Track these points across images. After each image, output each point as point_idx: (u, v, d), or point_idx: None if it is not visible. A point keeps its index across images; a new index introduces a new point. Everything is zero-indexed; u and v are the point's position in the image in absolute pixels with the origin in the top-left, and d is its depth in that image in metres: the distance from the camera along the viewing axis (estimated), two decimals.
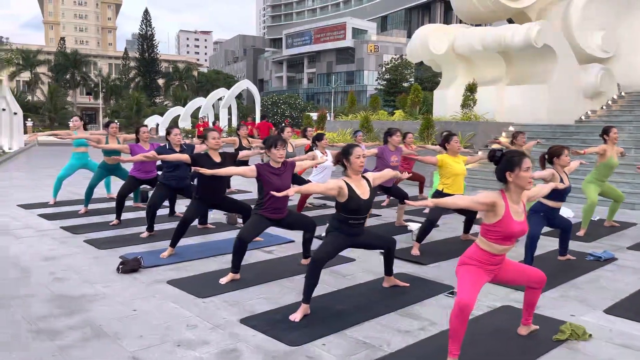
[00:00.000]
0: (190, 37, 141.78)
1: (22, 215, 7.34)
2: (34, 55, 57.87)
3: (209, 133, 5.21)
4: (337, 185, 3.63)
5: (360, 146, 3.81)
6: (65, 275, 4.52)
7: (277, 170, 4.47)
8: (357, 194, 3.68)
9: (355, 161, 3.68)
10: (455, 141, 5.58)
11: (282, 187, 4.43)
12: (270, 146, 4.46)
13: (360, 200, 3.70)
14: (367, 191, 3.79)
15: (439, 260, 5.14)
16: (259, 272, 4.67)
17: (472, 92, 12.27)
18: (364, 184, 3.78)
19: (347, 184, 3.66)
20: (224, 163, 5.21)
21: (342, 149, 3.77)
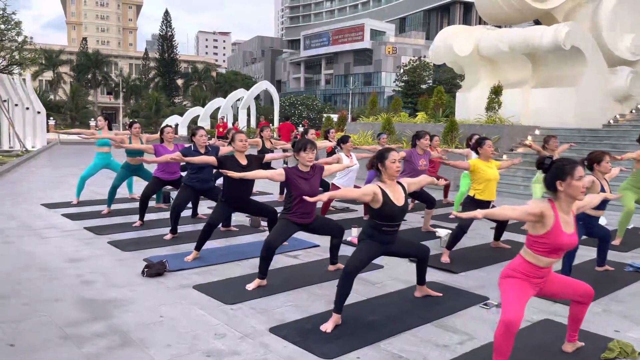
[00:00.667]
0: (209, 37, 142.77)
1: (46, 215, 7.35)
2: (56, 55, 58.74)
3: (236, 135, 5.12)
4: (372, 190, 3.50)
5: (395, 150, 3.67)
6: (92, 278, 4.46)
7: (305, 175, 4.36)
8: (391, 200, 3.54)
9: (391, 166, 3.55)
10: (488, 145, 5.41)
11: (311, 191, 4.32)
12: (299, 149, 4.34)
13: (394, 207, 3.56)
14: (402, 197, 3.65)
15: (470, 268, 4.97)
16: (286, 278, 4.55)
17: (498, 95, 12.03)
18: (398, 189, 3.64)
19: (382, 189, 3.53)
20: (251, 166, 5.13)
21: (377, 152, 3.64)
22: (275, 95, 31.15)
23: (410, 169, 6.39)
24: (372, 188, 3.51)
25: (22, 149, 19.53)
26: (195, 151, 5.96)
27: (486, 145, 5.41)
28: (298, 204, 4.34)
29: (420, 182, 4.03)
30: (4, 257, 5.10)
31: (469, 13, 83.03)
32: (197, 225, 6.86)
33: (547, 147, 6.93)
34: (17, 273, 4.57)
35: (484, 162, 5.44)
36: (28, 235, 6.08)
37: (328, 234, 4.69)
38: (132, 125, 7.76)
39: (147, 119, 50.09)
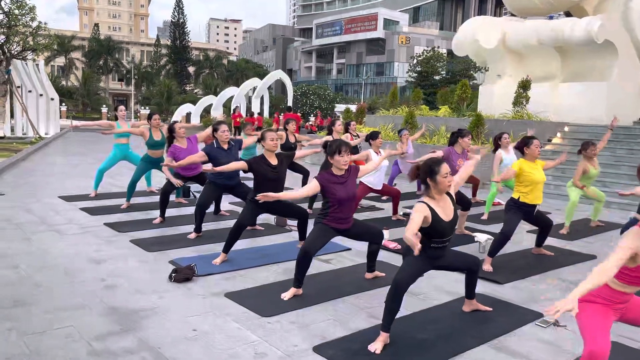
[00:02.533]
0: (220, 25, 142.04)
1: (63, 208, 7.12)
2: (68, 41, 58.60)
3: (267, 134, 4.84)
4: (423, 215, 3.19)
5: (444, 162, 3.32)
6: (115, 282, 4.21)
7: (340, 179, 4.05)
8: (440, 217, 3.25)
9: (443, 181, 3.22)
10: (536, 145, 5.05)
11: (348, 196, 4.05)
12: (334, 152, 4.00)
13: (444, 223, 3.26)
14: (452, 209, 3.34)
15: (514, 278, 4.66)
16: (321, 286, 4.27)
17: (526, 89, 11.62)
18: (447, 201, 3.33)
19: (430, 207, 3.22)
20: (282, 165, 4.87)
21: (427, 166, 3.26)
22: (289, 85, 30.77)
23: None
24: (423, 212, 3.17)
25: (36, 136, 19.41)
26: (219, 148, 5.69)
27: (533, 146, 5.06)
28: (335, 209, 4.06)
29: (463, 178, 3.68)
30: (23, 256, 4.87)
31: (484, 3, 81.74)
32: (219, 222, 6.61)
33: (585, 154, 6.50)
34: (37, 275, 4.33)
35: (529, 162, 5.10)
36: (46, 231, 5.85)
37: (367, 239, 4.40)
38: (151, 117, 7.48)
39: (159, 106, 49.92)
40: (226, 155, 5.69)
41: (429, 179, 3.24)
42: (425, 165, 3.29)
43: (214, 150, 5.65)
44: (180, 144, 6.36)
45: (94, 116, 47.05)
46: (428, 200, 3.25)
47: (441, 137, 11.88)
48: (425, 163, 3.30)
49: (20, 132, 20.37)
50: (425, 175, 3.26)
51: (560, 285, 4.53)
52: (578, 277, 4.78)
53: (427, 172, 3.25)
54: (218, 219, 6.76)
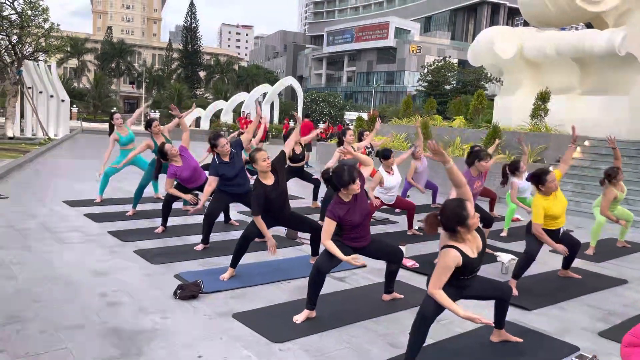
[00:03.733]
0: (232, 30, 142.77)
1: (68, 214, 6.89)
2: (81, 43, 59.02)
3: (257, 155, 4.45)
4: (455, 263, 2.91)
5: (467, 201, 3.00)
6: (118, 299, 3.95)
7: (349, 204, 3.77)
8: (470, 256, 2.97)
9: (474, 223, 2.94)
10: (551, 181, 4.55)
11: (362, 217, 3.81)
12: (349, 183, 3.67)
13: (474, 260, 3.00)
14: (480, 243, 3.07)
15: (543, 304, 4.35)
16: (336, 308, 3.99)
17: (544, 101, 11.29)
18: (476, 238, 3.05)
19: (460, 251, 2.93)
20: (278, 181, 4.56)
21: (453, 214, 2.89)
22: (299, 91, 30.57)
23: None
24: (454, 259, 2.90)
25: (45, 137, 19.31)
26: (222, 163, 5.44)
27: (549, 182, 4.54)
28: (349, 230, 3.80)
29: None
30: (22, 265, 4.63)
31: (496, 14, 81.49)
32: (228, 233, 6.35)
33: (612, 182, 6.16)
34: (35, 287, 4.08)
35: (546, 197, 4.68)
36: (48, 238, 5.61)
37: (385, 259, 4.13)
38: (150, 125, 7.18)
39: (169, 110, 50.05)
40: (232, 168, 5.46)
41: (460, 226, 2.89)
42: (450, 212, 2.90)
43: (219, 168, 5.40)
44: (176, 163, 6.02)
45: (104, 118, 47.14)
46: (457, 244, 2.95)
47: (456, 149, 11.58)
48: (450, 209, 2.91)
49: (30, 133, 20.30)
50: (454, 223, 2.90)
51: (595, 314, 4.21)
52: (612, 304, 4.47)
53: (457, 220, 2.89)
54: (227, 230, 6.50)
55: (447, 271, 2.91)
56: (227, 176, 5.45)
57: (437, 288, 2.93)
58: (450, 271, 2.91)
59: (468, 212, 2.88)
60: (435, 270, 2.95)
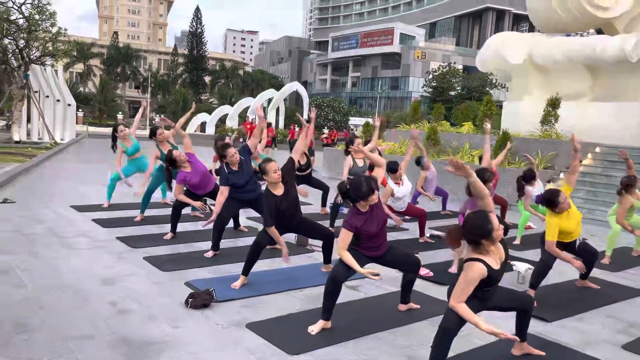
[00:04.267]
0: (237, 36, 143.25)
1: (75, 219, 6.82)
2: (87, 48, 59.28)
3: (268, 166, 4.35)
4: (480, 276, 2.82)
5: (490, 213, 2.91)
6: (127, 307, 3.86)
7: (366, 214, 3.68)
8: (493, 269, 2.88)
9: (499, 234, 2.84)
10: (563, 201, 4.41)
11: (379, 227, 3.72)
12: (367, 195, 3.56)
13: (497, 271, 2.91)
14: (503, 254, 2.98)
15: (563, 315, 4.23)
16: (351, 318, 3.88)
17: (555, 108, 11.18)
18: (499, 249, 2.96)
19: (486, 263, 2.84)
20: (289, 190, 4.47)
21: (477, 227, 2.81)
22: (305, 97, 30.58)
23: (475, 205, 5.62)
24: (480, 272, 2.81)
25: (51, 141, 19.31)
26: (232, 172, 5.34)
27: (562, 204, 4.40)
28: (366, 240, 3.71)
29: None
30: (29, 272, 4.55)
31: (501, 20, 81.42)
32: (237, 240, 6.26)
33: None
34: (43, 295, 4.00)
35: (560, 215, 4.52)
36: (55, 244, 5.53)
37: (402, 268, 4.03)
38: (155, 133, 7.06)
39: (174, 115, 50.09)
40: (242, 176, 5.38)
41: (485, 239, 2.80)
42: (475, 226, 2.81)
43: (229, 177, 5.31)
44: (185, 169, 5.95)
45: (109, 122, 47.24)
46: (481, 256, 2.85)
47: (465, 154, 11.47)
48: (474, 223, 2.82)
49: (36, 137, 20.31)
50: (478, 237, 2.81)
51: (615, 325, 4.10)
52: (632, 315, 4.35)
53: (482, 234, 2.80)
54: (236, 236, 6.40)
55: (472, 285, 2.81)
56: (238, 184, 5.37)
57: (459, 301, 2.83)
58: (475, 285, 2.82)
59: (493, 224, 2.79)
60: (459, 283, 2.85)
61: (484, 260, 2.83)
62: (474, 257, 2.84)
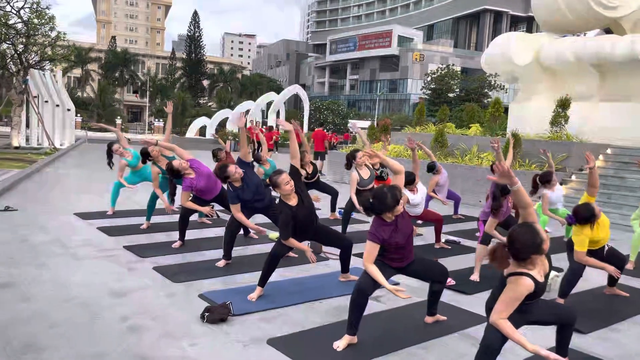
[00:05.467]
0: (234, 39, 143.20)
1: (80, 227, 6.62)
2: (85, 53, 59.07)
3: (279, 179, 4.13)
4: (528, 292, 2.64)
5: (536, 224, 2.71)
6: (140, 323, 3.65)
7: (391, 224, 3.47)
8: (539, 282, 2.70)
9: (547, 246, 2.65)
10: (598, 213, 4.26)
11: (406, 238, 3.52)
12: (393, 206, 3.38)
13: (542, 285, 2.73)
14: (547, 265, 2.80)
15: (598, 326, 4.03)
16: (377, 332, 3.68)
17: (565, 109, 11.01)
18: (544, 260, 2.76)
19: (531, 277, 2.65)
20: (303, 199, 4.29)
21: (529, 242, 2.60)
22: (305, 100, 30.41)
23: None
24: (528, 287, 2.63)
25: (51, 147, 19.09)
26: (236, 189, 5.09)
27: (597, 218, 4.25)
28: (394, 251, 3.51)
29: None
30: (37, 285, 4.34)
31: (498, 22, 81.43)
32: (247, 247, 6.07)
33: None
34: (53, 311, 3.79)
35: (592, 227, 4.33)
36: (62, 254, 5.33)
37: (428, 279, 3.82)
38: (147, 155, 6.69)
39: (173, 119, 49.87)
40: (247, 190, 5.12)
41: (535, 254, 2.61)
42: (524, 241, 2.59)
43: (234, 195, 5.09)
44: (189, 175, 5.72)
45: None
46: (528, 270, 2.65)
47: (473, 157, 11.29)
48: (523, 238, 2.60)
49: (35, 142, 20.09)
50: (529, 253, 2.60)
51: None
52: None
53: (533, 249, 2.59)
54: (246, 243, 6.20)
55: (518, 301, 2.62)
56: (246, 199, 5.16)
57: (502, 318, 2.63)
58: (520, 301, 2.62)
59: (541, 236, 2.60)
60: (503, 300, 2.65)
61: (531, 274, 2.64)
62: (519, 272, 2.64)
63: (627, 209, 8.54)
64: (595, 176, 4.51)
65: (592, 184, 4.52)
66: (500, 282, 2.83)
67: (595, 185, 4.53)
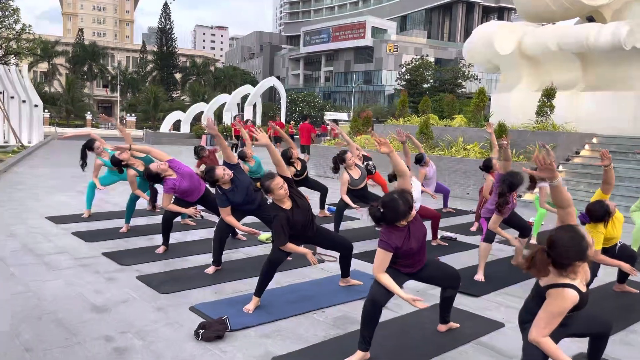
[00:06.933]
0: (206, 32, 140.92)
1: (52, 233, 6.14)
2: (52, 46, 57.13)
3: (272, 184, 3.81)
4: (572, 305, 2.37)
5: (581, 228, 2.45)
6: (127, 343, 3.28)
7: (404, 230, 3.16)
8: (583, 292, 2.43)
9: (591, 253, 2.39)
10: (613, 210, 4.10)
11: (420, 243, 3.23)
12: (406, 213, 3.08)
13: (585, 295, 2.46)
14: (588, 271, 2.55)
15: (617, 328, 3.80)
16: (390, 344, 3.39)
17: (550, 98, 10.90)
18: (586, 266, 2.50)
19: (576, 288, 2.39)
20: (296, 201, 3.97)
21: (575, 247, 2.31)
22: (282, 92, 29.92)
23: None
24: (573, 300, 2.36)
25: (18, 145, 18.27)
26: (226, 192, 4.77)
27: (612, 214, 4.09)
28: (407, 257, 3.21)
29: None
30: (6, 301, 3.90)
31: (471, 13, 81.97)
32: (237, 251, 5.70)
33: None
34: (25, 331, 3.38)
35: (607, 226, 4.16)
36: (33, 264, 4.88)
37: (441, 284, 3.54)
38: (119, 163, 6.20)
39: (145, 113, 48.73)
40: (238, 192, 4.80)
41: (579, 261, 2.33)
42: (569, 246, 2.30)
43: (224, 198, 4.76)
44: (171, 176, 5.32)
45: (77, 123, 45.67)
46: (570, 280, 2.37)
47: (459, 148, 11.10)
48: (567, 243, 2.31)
49: (2, 140, 19.21)
50: (574, 259, 2.31)
51: None
52: None
53: (579, 255, 2.30)
54: (235, 246, 5.82)
55: (561, 317, 2.35)
56: (237, 202, 4.82)
57: (544, 335, 2.36)
58: (564, 316, 2.35)
59: (587, 240, 2.32)
60: (544, 316, 2.37)
61: (574, 285, 2.36)
62: (562, 283, 2.36)
63: (617, 199, 8.44)
64: (611, 174, 4.28)
65: (607, 181, 4.30)
66: (536, 293, 2.56)
67: (610, 183, 4.30)
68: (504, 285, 4.73)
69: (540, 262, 2.34)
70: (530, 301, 2.61)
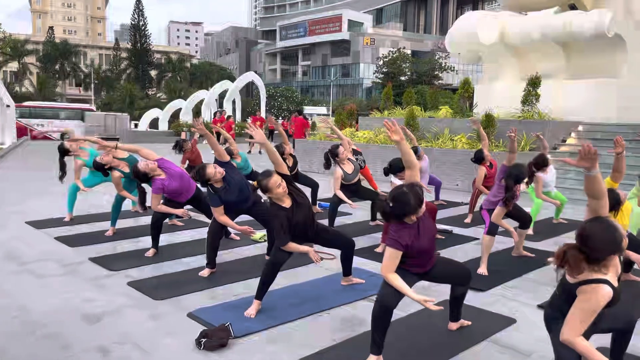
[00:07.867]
0: (180, 28, 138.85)
1: (35, 239, 5.84)
2: (22, 45, 55.63)
3: (269, 183, 3.63)
4: (607, 301, 2.24)
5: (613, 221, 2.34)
6: (124, 354, 3.07)
7: (413, 227, 2.98)
8: (616, 287, 2.30)
9: (626, 245, 2.29)
10: (624, 198, 4.06)
11: (431, 240, 3.08)
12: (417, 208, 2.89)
13: (618, 291, 2.32)
14: (619, 265, 2.40)
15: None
16: (402, 347, 3.24)
17: (535, 87, 10.89)
18: (617, 259, 2.37)
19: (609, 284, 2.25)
20: (296, 199, 3.81)
21: (608, 240, 2.20)
22: (261, 87, 29.57)
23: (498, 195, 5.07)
24: (608, 296, 2.23)
25: None
26: (218, 191, 4.56)
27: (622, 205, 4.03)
28: (417, 256, 3.05)
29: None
30: None
31: (445, 5, 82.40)
32: (231, 251, 5.49)
33: None
34: (12, 346, 3.14)
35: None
36: (17, 272, 4.61)
37: (452, 282, 3.40)
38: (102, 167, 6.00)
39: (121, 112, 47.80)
40: (231, 191, 4.61)
41: (613, 254, 2.21)
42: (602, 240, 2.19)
43: (216, 198, 4.55)
44: (159, 176, 5.12)
45: None
46: (604, 275, 2.24)
47: (446, 139, 11.03)
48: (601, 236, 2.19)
49: None
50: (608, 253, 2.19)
51: None
52: None
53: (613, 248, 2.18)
54: (228, 246, 5.60)
55: (595, 314, 2.22)
56: (230, 200, 4.62)
57: (578, 335, 2.23)
58: (597, 313, 2.23)
59: (622, 233, 2.20)
60: (577, 313, 2.24)
61: (608, 280, 2.24)
62: (595, 279, 2.24)
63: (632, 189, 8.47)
64: (622, 162, 4.18)
65: (617, 169, 4.21)
66: (563, 290, 2.43)
67: (621, 171, 4.21)
68: (508, 278, 4.64)
69: (573, 259, 2.21)
70: (556, 299, 2.48)
